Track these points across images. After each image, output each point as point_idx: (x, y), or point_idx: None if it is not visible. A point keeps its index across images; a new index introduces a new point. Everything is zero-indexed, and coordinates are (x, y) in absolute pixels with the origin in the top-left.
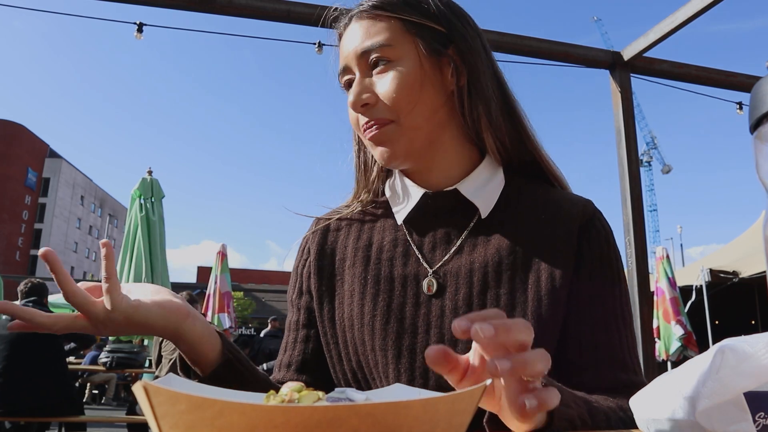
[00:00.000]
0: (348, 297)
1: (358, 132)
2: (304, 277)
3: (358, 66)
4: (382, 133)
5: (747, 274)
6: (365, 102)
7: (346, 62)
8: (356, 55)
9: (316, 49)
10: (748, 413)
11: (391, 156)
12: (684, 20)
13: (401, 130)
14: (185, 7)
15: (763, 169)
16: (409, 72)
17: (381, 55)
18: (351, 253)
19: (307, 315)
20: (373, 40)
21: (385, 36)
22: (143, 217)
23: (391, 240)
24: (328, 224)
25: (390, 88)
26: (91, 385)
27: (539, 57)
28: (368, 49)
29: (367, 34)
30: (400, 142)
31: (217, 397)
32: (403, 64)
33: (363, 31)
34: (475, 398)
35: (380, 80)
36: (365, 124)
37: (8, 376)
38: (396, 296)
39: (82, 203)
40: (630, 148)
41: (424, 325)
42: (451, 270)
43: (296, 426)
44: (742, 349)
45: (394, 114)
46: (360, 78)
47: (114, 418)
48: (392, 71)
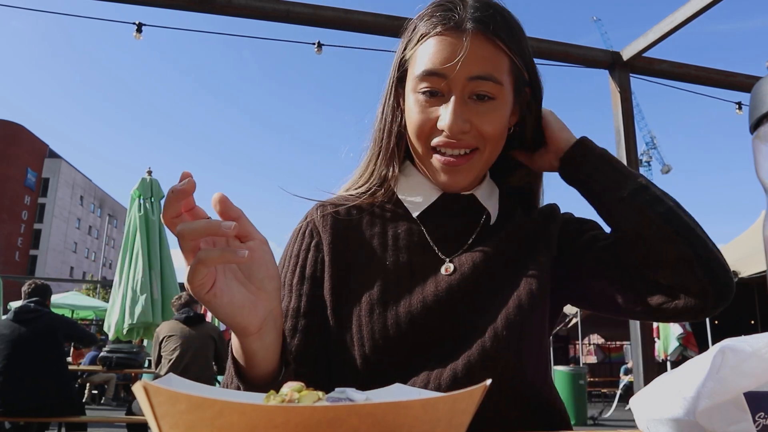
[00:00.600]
0: (368, 283)
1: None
2: (309, 263)
3: (462, 88)
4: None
5: (747, 274)
6: (464, 130)
7: (445, 71)
8: (467, 75)
9: (315, 49)
10: (748, 413)
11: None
12: (683, 20)
13: (482, 159)
14: (185, 7)
15: (763, 169)
16: (506, 114)
17: (489, 91)
18: (368, 239)
19: (309, 303)
20: (488, 72)
21: (499, 72)
22: (142, 216)
23: (406, 230)
24: (337, 213)
25: (490, 124)
26: (91, 385)
27: (539, 57)
28: (481, 77)
29: (482, 60)
30: (473, 172)
31: (217, 397)
32: (504, 105)
33: (479, 54)
34: (475, 398)
35: (480, 113)
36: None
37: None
38: (417, 280)
39: (81, 203)
40: (629, 148)
41: (448, 304)
42: (465, 259)
43: (296, 426)
44: (742, 349)
45: (483, 145)
46: (459, 101)
47: (114, 418)
48: (494, 110)
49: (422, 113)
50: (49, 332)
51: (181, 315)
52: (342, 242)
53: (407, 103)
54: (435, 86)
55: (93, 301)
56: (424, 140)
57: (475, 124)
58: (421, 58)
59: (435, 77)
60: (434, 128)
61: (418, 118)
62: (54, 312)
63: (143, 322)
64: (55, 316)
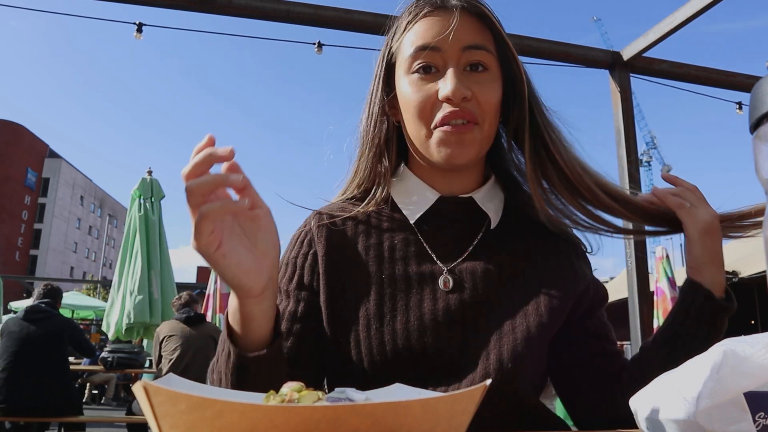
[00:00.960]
0: (363, 297)
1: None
2: (306, 271)
3: (456, 58)
4: (468, 134)
5: (747, 274)
6: (466, 96)
7: (438, 44)
8: (460, 46)
9: (315, 49)
10: (748, 413)
11: (464, 157)
12: (684, 20)
13: (482, 136)
14: (185, 7)
15: (763, 169)
16: (498, 86)
17: (483, 59)
18: (362, 251)
19: (305, 308)
20: (480, 42)
21: (491, 45)
22: (142, 216)
23: (403, 239)
24: (333, 222)
25: (488, 94)
26: (91, 385)
27: (539, 57)
28: (475, 46)
29: (473, 31)
30: (475, 147)
31: (217, 397)
32: (497, 78)
33: (472, 27)
34: (475, 398)
35: (478, 83)
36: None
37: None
38: (413, 294)
39: (81, 203)
40: (630, 148)
41: (446, 321)
42: (466, 269)
43: (296, 426)
44: (742, 349)
45: (482, 118)
46: (457, 71)
47: (114, 418)
48: (490, 80)
49: (420, 91)
50: (57, 333)
51: (181, 315)
52: (337, 254)
53: (401, 90)
54: (430, 61)
55: (93, 301)
56: (427, 118)
57: (475, 92)
58: (410, 40)
59: (429, 52)
60: (435, 104)
61: (417, 96)
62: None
63: (141, 321)
64: (63, 318)
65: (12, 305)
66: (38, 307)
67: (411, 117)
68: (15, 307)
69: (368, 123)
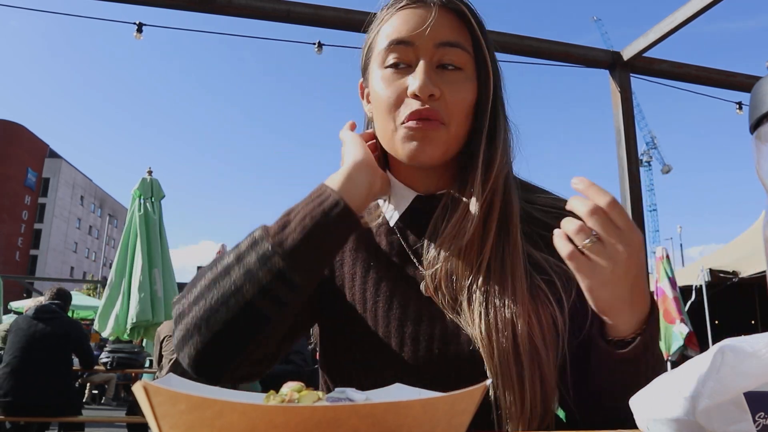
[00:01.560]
0: (349, 280)
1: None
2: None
3: (430, 54)
4: (433, 132)
5: (747, 274)
6: (433, 93)
7: (412, 38)
8: (434, 42)
9: (315, 49)
10: (748, 413)
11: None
12: (684, 20)
13: (448, 136)
14: (185, 7)
15: (763, 168)
16: (472, 87)
17: (456, 58)
18: (350, 256)
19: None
20: (456, 39)
21: (468, 44)
22: (143, 216)
23: (387, 243)
24: None
25: (457, 94)
26: (91, 385)
27: (539, 57)
28: (451, 44)
29: (450, 28)
30: (440, 147)
31: (217, 397)
32: (469, 77)
33: (449, 24)
34: (475, 398)
35: (448, 82)
36: (417, 113)
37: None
38: (398, 293)
39: (81, 203)
40: (630, 148)
41: (427, 315)
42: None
43: (296, 426)
44: (742, 349)
45: (449, 119)
46: (427, 67)
47: (114, 418)
48: (461, 80)
49: (391, 86)
50: (64, 334)
51: None
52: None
53: (372, 84)
54: (402, 57)
55: (93, 301)
56: (394, 114)
57: (444, 92)
58: (386, 33)
59: (402, 46)
60: (403, 99)
61: (387, 91)
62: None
63: (144, 320)
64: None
65: (12, 305)
66: (49, 307)
67: (380, 112)
68: (15, 307)
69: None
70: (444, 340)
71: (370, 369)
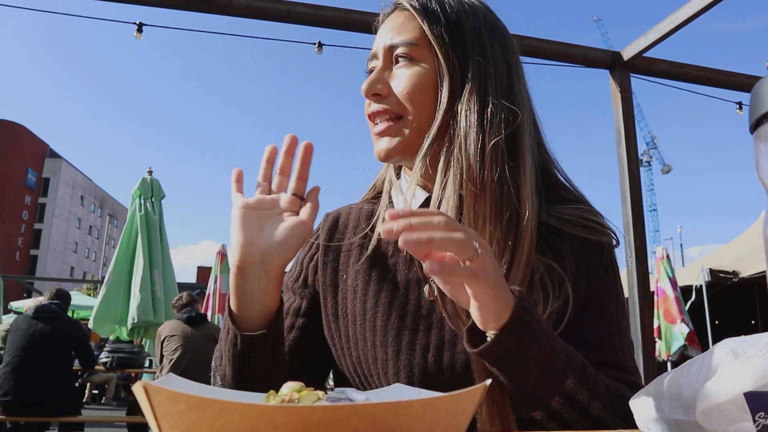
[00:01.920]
0: (351, 293)
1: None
2: (310, 271)
3: (384, 57)
4: (389, 128)
5: (747, 274)
6: (377, 92)
7: (375, 49)
8: (385, 47)
9: (315, 49)
10: (748, 413)
11: (389, 152)
12: (684, 20)
13: (406, 128)
14: (185, 7)
15: (763, 169)
16: (426, 73)
17: (405, 52)
18: (356, 251)
19: (309, 305)
20: (403, 37)
21: (414, 36)
22: (143, 216)
23: (394, 243)
24: (336, 219)
25: (404, 84)
26: (91, 385)
27: (539, 57)
28: (396, 44)
29: (400, 29)
30: (403, 140)
31: (217, 397)
32: (422, 65)
33: (398, 25)
34: (476, 398)
35: (398, 75)
36: (373, 113)
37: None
38: (398, 297)
39: (82, 203)
40: (630, 148)
41: (425, 325)
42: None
43: (296, 426)
44: (742, 349)
45: (403, 109)
46: (381, 68)
47: (114, 418)
48: (410, 69)
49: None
50: (64, 334)
51: (182, 315)
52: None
53: None
54: (372, 65)
55: (93, 301)
56: (367, 119)
57: (394, 87)
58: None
59: (372, 58)
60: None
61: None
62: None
63: (145, 321)
64: (72, 321)
65: (12, 305)
66: (48, 307)
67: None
68: (15, 306)
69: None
70: (439, 348)
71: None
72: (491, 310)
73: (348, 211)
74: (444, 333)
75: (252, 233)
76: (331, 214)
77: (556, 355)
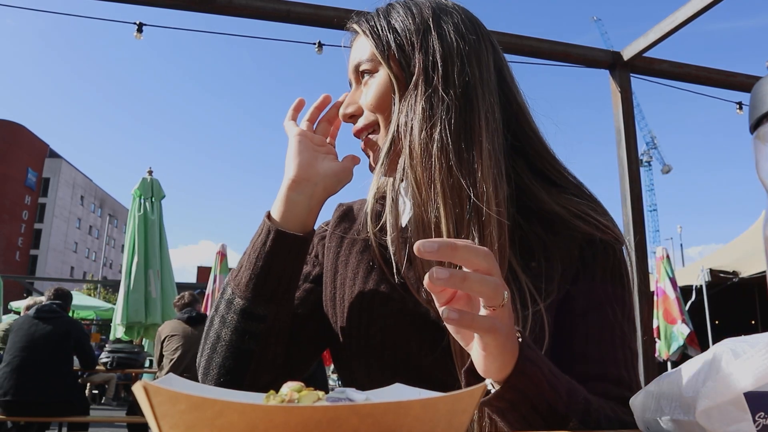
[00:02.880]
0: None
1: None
2: (319, 249)
3: (354, 78)
4: (369, 140)
5: (747, 274)
6: (351, 113)
7: (349, 76)
8: (352, 68)
9: (315, 49)
10: (748, 413)
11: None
12: (684, 20)
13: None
14: (185, 7)
15: (763, 169)
16: (385, 80)
17: (366, 68)
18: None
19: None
20: (361, 56)
21: (369, 51)
22: (142, 216)
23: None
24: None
25: (368, 95)
26: (91, 385)
27: (539, 57)
28: (357, 63)
29: (358, 50)
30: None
31: (217, 397)
32: (381, 74)
33: (357, 46)
34: (475, 398)
35: (365, 92)
36: (356, 133)
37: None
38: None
39: (82, 203)
40: (630, 148)
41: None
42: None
43: (296, 426)
44: (742, 349)
45: (375, 119)
46: (353, 91)
47: (114, 418)
48: (371, 80)
49: None
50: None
51: (183, 315)
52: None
53: None
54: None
55: (93, 301)
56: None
57: (362, 102)
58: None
59: (350, 85)
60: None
61: None
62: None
63: (137, 321)
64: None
65: (12, 305)
66: (50, 307)
67: None
68: (15, 306)
69: None
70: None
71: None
72: (496, 360)
73: (360, 206)
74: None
75: (311, 157)
76: (344, 205)
77: (560, 398)
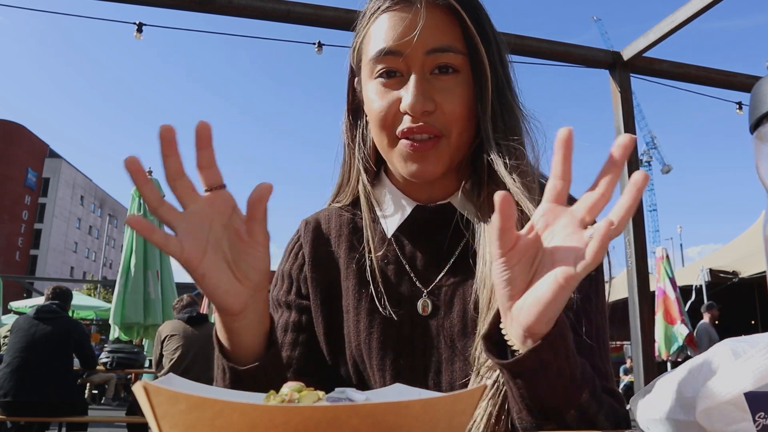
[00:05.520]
0: (344, 312)
1: (385, 131)
2: (302, 282)
3: (420, 63)
4: (432, 150)
5: (747, 274)
6: (427, 109)
7: (400, 48)
8: (424, 50)
9: (315, 49)
10: (748, 413)
11: (431, 173)
12: (684, 20)
13: (449, 148)
14: (185, 7)
15: (763, 168)
16: (469, 91)
17: (451, 62)
18: (344, 264)
19: (309, 317)
20: (447, 43)
21: (459, 42)
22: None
23: (383, 255)
24: (317, 227)
25: (453, 102)
26: (91, 385)
27: (539, 57)
28: (442, 49)
29: (440, 31)
30: (443, 161)
31: (217, 397)
32: (466, 80)
33: (439, 23)
34: (475, 398)
35: (443, 90)
36: (412, 130)
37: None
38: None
39: (82, 203)
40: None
41: (421, 346)
42: (446, 290)
43: (296, 426)
44: (742, 349)
45: (448, 129)
46: (420, 78)
47: (114, 418)
48: (458, 85)
49: (382, 99)
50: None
51: (183, 315)
52: (322, 268)
53: (365, 94)
54: (392, 66)
55: (93, 301)
56: (389, 130)
57: (439, 102)
58: (373, 40)
59: (390, 56)
60: (397, 114)
61: (379, 105)
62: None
63: (135, 322)
64: (72, 321)
65: (12, 305)
66: (49, 307)
67: (374, 125)
68: (15, 306)
69: (345, 125)
70: (437, 370)
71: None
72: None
73: (327, 217)
74: (441, 352)
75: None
76: (310, 221)
77: (578, 365)
